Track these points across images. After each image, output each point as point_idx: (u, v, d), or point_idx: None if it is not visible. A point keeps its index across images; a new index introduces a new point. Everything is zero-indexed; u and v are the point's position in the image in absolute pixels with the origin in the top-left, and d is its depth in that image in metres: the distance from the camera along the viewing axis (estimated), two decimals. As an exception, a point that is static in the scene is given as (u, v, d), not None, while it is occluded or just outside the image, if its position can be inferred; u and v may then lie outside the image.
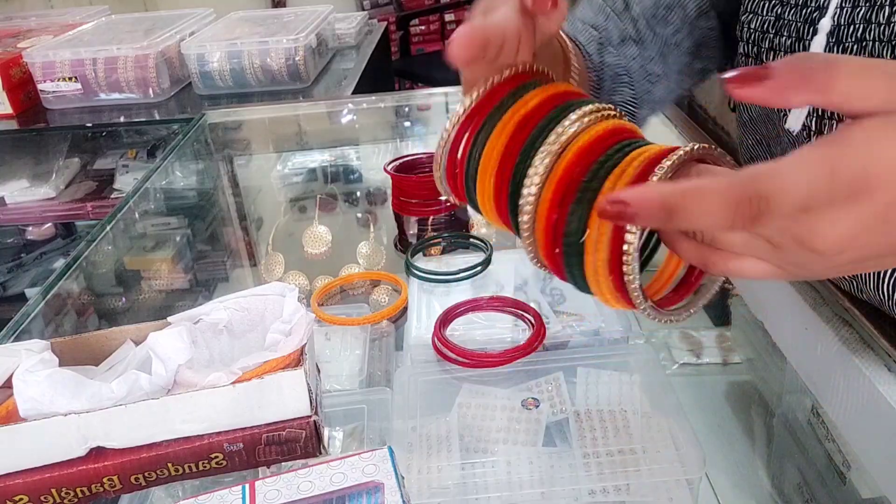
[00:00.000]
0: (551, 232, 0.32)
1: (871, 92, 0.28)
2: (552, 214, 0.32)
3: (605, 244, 0.30)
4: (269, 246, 0.97)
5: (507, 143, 0.34)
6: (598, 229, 0.30)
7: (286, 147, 1.33)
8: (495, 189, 0.35)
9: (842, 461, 0.56)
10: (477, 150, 0.36)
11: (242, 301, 0.53)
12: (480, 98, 0.36)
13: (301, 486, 0.42)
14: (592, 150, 0.32)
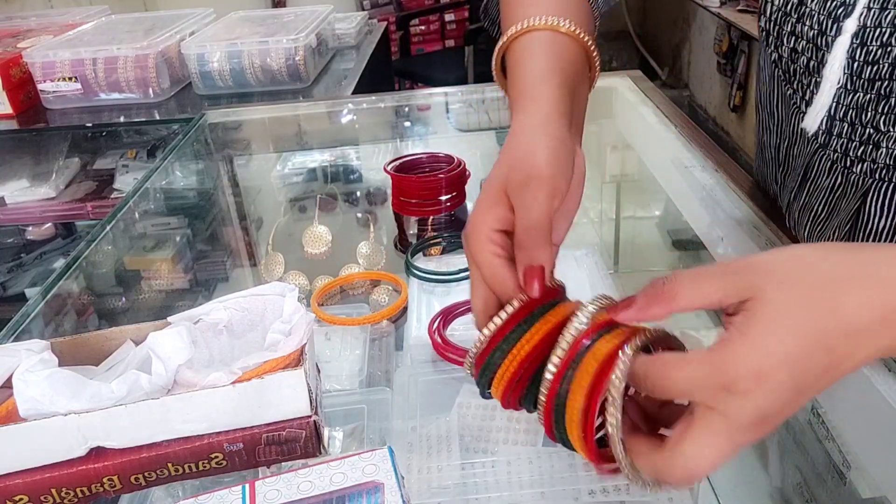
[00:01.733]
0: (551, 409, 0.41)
1: (706, 292, 0.36)
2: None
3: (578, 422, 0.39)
4: (269, 246, 0.97)
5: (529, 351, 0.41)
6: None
7: (286, 147, 1.33)
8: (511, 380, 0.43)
9: (842, 461, 0.56)
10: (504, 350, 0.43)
11: (242, 301, 0.53)
12: (513, 314, 0.42)
13: (301, 486, 0.42)
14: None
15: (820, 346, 0.32)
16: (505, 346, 0.42)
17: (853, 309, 0.32)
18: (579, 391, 0.38)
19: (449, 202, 0.88)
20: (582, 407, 0.38)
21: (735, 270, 0.35)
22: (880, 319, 0.32)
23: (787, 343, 0.32)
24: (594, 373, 0.38)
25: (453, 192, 0.88)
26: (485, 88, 1.28)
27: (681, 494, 0.52)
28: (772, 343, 0.33)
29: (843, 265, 0.34)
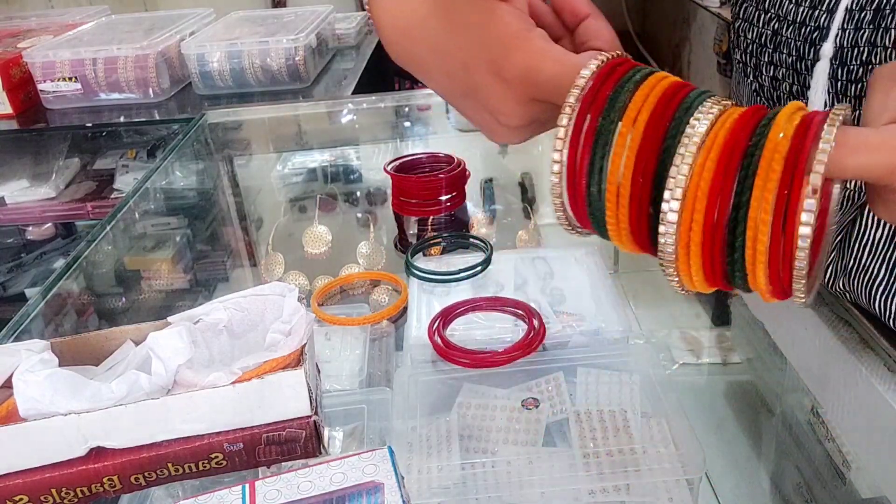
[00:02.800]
0: (710, 232, 0.29)
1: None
2: (714, 204, 0.28)
3: (768, 226, 0.27)
4: (269, 246, 0.97)
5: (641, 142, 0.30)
6: (761, 210, 0.27)
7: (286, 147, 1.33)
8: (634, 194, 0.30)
9: (842, 461, 0.56)
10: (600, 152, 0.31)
11: (242, 301, 0.53)
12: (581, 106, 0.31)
13: (301, 485, 0.42)
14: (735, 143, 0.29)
15: None
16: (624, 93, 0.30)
17: None
18: (770, 182, 0.27)
19: (449, 202, 0.88)
20: (771, 216, 0.27)
21: None
22: None
23: None
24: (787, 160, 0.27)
25: (453, 192, 0.88)
26: (485, 88, 1.27)
27: (681, 494, 0.52)
28: None
29: None
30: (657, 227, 0.30)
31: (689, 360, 0.76)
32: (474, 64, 0.37)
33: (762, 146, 0.28)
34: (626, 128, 0.30)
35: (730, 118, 0.29)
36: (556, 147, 0.32)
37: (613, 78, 0.32)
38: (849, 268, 0.55)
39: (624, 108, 0.30)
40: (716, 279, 0.30)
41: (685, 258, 0.29)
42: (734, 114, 0.30)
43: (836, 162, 0.28)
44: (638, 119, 0.30)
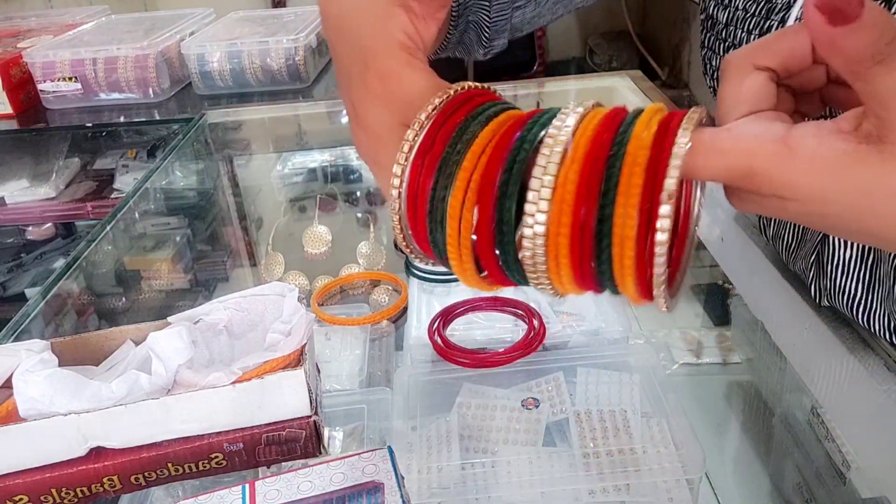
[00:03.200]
0: (578, 241, 0.28)
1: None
2: (579, 214, 0.28)
3: (632, 238, 0.27)
4: (269, 246, 0.97)
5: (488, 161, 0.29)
6: (625, 224, 0.27)
7: (286, 147, 1.33)
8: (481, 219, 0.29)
9: (842, 461, 0.56)
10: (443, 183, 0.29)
11: (242, 301, 0.53)
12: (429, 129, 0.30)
13: (301, 485, 0.42)
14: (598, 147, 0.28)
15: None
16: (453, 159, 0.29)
17: None
18: (631, 196, 0.27)
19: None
20: (636, 221, 0.27)
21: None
22: None
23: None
24: (647, 166, 0.27)
25: (453, 192, 0.88)
26: (485, 88, 1.27)
27: (681, 494, 0.52)
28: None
29: None
30: (509, 252, 0.29)
31: (689, 360, 0.76)
32: (355, 56, 0.36)
33: (622, 156, 0.27)
34: (471, 162, 0.29)
35: (592, 122, 0.29)
36: (398, 161, 0.30)
37: (468, 107, 0.31)
38: (828, 289, 0.55)
39: (472, 139, 0.29)
40: (587, 285, 0.30)
41: (556, 269, 0.29)
42: (596, 117, 0.29)
43: (690, 167, 0.28)
44: (484, 152, 0.29)
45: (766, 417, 0.70)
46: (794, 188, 0.28)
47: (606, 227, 0.27)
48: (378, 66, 0.34)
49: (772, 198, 0.29)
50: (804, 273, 0.58)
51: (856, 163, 0.27)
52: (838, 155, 0.27)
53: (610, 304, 0.70)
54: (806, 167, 0.27)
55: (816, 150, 0.27)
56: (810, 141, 0.27)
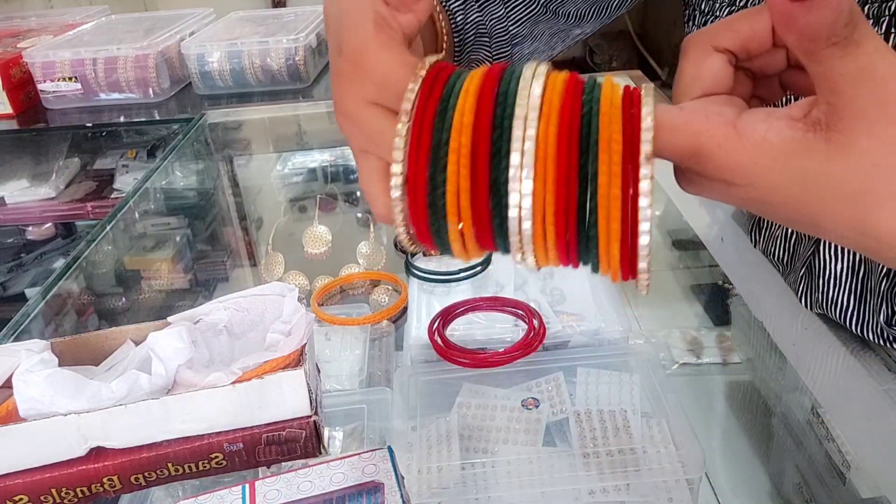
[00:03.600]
0: (563, 201, 0.27)
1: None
2: (561, 195, 0.27)
3: (618, 202, 0.27)
4: (269, 246, 0.97)
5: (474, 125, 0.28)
6: (610, 204, 0.27)
7: (286, 147, 1.33)
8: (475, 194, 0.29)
9: (842, 461, 0.56)
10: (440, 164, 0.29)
11: (242, 301, 0.53)
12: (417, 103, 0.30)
13: (301, 485, 0.42)
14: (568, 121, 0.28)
15: None
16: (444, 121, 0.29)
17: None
18: (613, 153, 0.26)
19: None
20: (619, 191, 0.26)
21: None
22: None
23: None
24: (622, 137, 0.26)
25: (453, 192, 0.88)
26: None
27: (681, 494, 0.52)
28: None
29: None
30: (502, 225, 0.29)
31: (689, 360, 0.76)
32: (333, 42, 0.35)
33: (597, 113, 0.27)
34: (455, 142, 0.28)
35: (557, 82, 0.29)
36: (394, 158, 0.30)
37: (438, 87, 0.30)
38: (820, 301, 0.55)
39: (451, 119, 0.29)
40: (570, 254, 0.29)
41: (542, 243, 0.28)
42: (559, 77, 0.29)
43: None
44: (464, 124, 0.28)
45: (766, 417, 0.70)
46: (740, 173, 0.27)
47: (592, 188, 0.27)
48: (350, 49, 0.34)
49: (718, 181, 0.28)
50: (794, 286, 0.58)
51: (803, 150, 0.27)
52: (786, 142, 0.27)
53: (610, 304, 0.70)
54: (753, 152, 0.27)
55: (765, 135, 0.27)
56: (759, 126, 0.27)
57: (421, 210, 0.30)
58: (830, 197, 0.27)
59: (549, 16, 0.57)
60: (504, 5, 0.55)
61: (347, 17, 0.35)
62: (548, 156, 0.27)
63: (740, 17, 0.31)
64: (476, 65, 0.55)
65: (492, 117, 0.28)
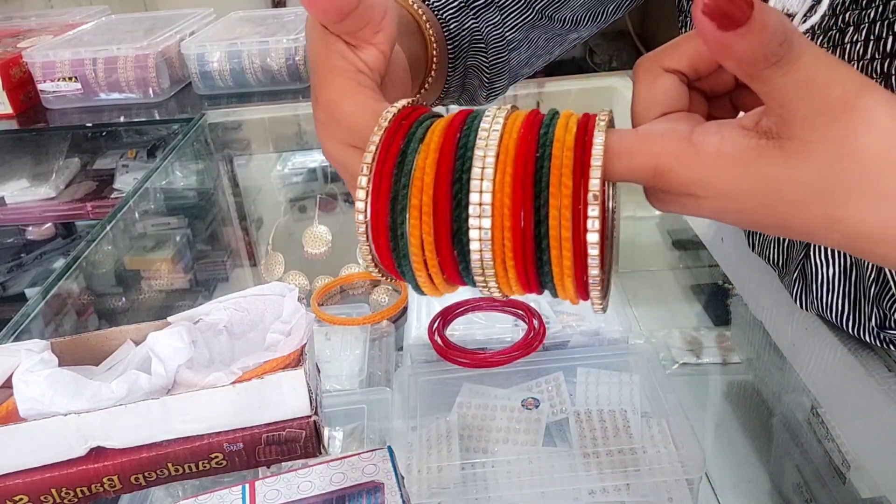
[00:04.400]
0: (520, 244, 0.30)
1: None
2: (518, 218, 0.29)
3: (569, 239, 0.29)
4: (269, 246, 0.97)
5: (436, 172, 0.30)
6: (561, 227, 0.29)
7: (286, 147, 1.33)
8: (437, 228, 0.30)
9: (842, 461, 0.56)
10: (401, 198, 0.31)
11: (242, 301, 0.53)
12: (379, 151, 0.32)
13: (301, 485, 0.42)
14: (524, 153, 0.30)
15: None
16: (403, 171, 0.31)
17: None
18: (563, 197, 0.28)
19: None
20: (570, 219, 0.28)
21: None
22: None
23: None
24: (575, 170, 0.28)
25: (453, 192, 0.88)
26: (485, 88, 1.28)
27: (681, 494, 0.52)
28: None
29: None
30: (467, 269, 0.31)
31: (689, 360, 0.76)
32: (312, 79, 0.37)
33: (549, 157, 0.29)
34: (416, 199, 0.30)
35: (515, 124, 0.30)
36: (358, 197, 0.31)
37: (398, 138, 0.32)
38: (815, 305, 0.56)
39: (410, 171, 0.30)
40: (532, 286, 0.31)
41: (503, 272, 0.30)
42: (518, 119, 0.31)
43: (605, 169, 0.29)
44: (425, 183, 0.30)
45: (766, 417, 0.70)
46: (702, 185, 0.28)
47: (544, 229, 0.29)
48: (322, 97, 0.36)
49: (685, 196, 0.29)
50: (790, 287, 0.58)
51: (758, 157, 0.27)
52: (741, 150, 0.27)
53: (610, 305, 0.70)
54: (711, 163, 0.28)
55: (720, 146, 0.28)
56: (713, 138, 0.28)
57: (386, 257, 0.32)
58: (795, 198, 0.27)
59: (545, 21, 0.57)
60: (500, 12, 0.55)
61: (315, 66, 0.36)
62: (504, 205, 0.29)
63: (686, 39, 0.31)
64: (473, 71, 0.55)
65: (451, 172, 0.30)
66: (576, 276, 0.29)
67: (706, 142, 0.28)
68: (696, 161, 0.28)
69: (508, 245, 0.29)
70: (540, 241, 0.29)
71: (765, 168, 0.27)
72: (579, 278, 0.30)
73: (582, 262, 0.29)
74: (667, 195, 0.30)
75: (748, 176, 0.27)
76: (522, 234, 0.29)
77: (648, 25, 3.84)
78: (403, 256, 0.31)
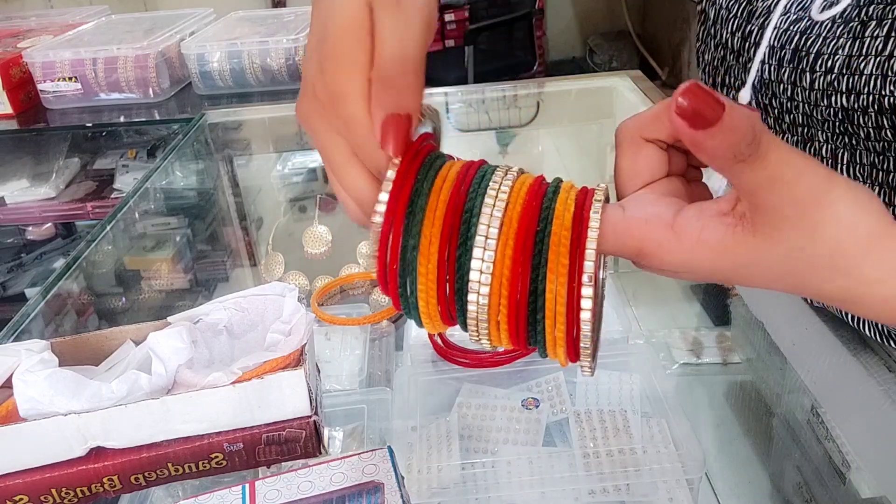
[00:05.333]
0: (514, 313, 0.32)
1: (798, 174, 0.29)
2: (514, 290, 0.31)
3: (563, 314, 0.31)
4: (269, 246, 0.97)
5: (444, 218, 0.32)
6: (556, 303, 0.31)
7: (286, 147, 1.33)
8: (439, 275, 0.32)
9: (842, 461, 0.56)
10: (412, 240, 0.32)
11: (242, 301, 0.53)
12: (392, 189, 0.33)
13: (301, 485, 0.42)
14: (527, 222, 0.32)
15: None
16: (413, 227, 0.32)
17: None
18: (560, 275, 0.30)
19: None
20: (566, 290, 0.30)
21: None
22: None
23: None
24: (570, 245, 0.31)
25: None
26: (485, 88, 1.28)
27: (681, 494, 0.52)
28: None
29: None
30: (464, 322, 0.33)
31: (689, 360, 0.76)
32: (314, 38, 0.34)
33: (549, 234, 0.31)
34: (423, 262, 0.32)
35: (520, 194, 0.32)
36: (371, 253, 0.33)
37: (403, 199, 0.32)
38: None
39: (419, 231, 0.32)
40: (521, 345, 0.33)
41: (496, 332, 0.33)
42: (523, 187, 0.32)
43: (598, 246, 0.31)
44: (435, 224, 0.32)
45: (766, 417, 0.70)
46: (682, 267, 0.31)
47: (540, 302, 0.31)
48: (333, 80, 0.33)
49: (666, 272, 0.32)
50: None
51: (735, 245, 0.30)
52: (719, 239, 0.30)
53: (610, 304, 0.70)
54: (690, 249, 0.31)
55: (700, 235, 0.30)
56: (694, 226, 0.31)
57: (394, 297, 0.34)
58: (766, 276, 0.31)
59: None
60: None
61: (334, 39, 0.33)
62: (503, 275, 0.31)
63: (665, 108, 0.33)
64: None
65: (458, 234, 0.32)
66: (567, 346, 0.32)
67: (688, 230, 0.31)
68: (678, 248, 0.31)
69: (504, 312, 0.31)
70: (536, 311, 0.31)
71: (739, 252, 0.30)
72: (570, 347, 0.32)
73: (574, 334, 0.31)
74: (649, 268, 0.33)
75: (724, 259, 0.31)
76: (517, 304, 0.31)
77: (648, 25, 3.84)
78: (413, 308, 0.34)
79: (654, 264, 0.32)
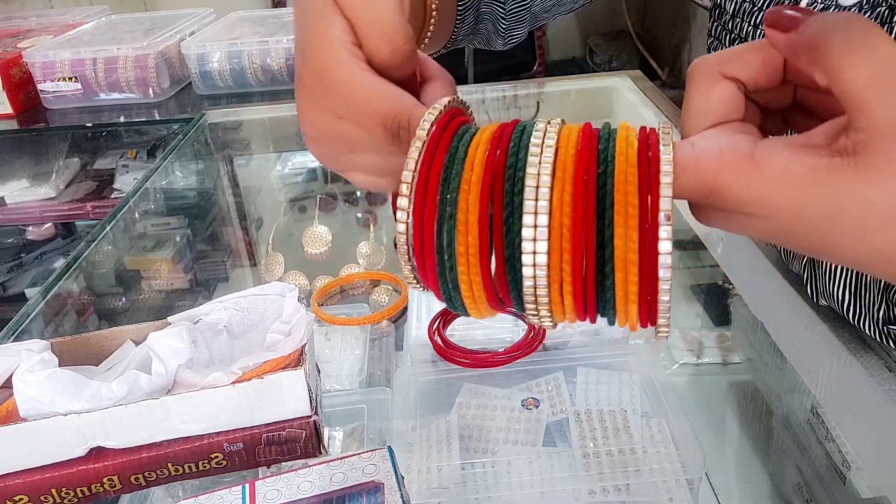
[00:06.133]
0: (580, 268, 0.27)
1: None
2: (579, 240, 0.27)
3: (635, 262, 0.27)
4: (269, 246, 0.97)
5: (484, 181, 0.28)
6: (628, 248, 0.26)
7: (286, 147, 1.33)
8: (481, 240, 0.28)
9: (842, 461, 0.56)
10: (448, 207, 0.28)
11: (242, 301, 0.53)
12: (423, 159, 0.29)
13: (301, 485, 0.42)
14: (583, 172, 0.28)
15: None
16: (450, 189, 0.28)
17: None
18: (630, 217, 0.26)
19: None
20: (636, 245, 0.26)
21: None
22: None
23: None
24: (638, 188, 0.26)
25: (453, 192, 0.88)
26: (485, 88, 1.28)
27: (681, 494, 0.52)
28: None
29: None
30: (519, 296, 0.28)
31: (689, 360, 0.76)
32: (297, 52, 0.35)
33: (612, 174, 0.27)
34: (464, 202, 0.28)
35: (571, 139, 0.28)
36: (399, 219, 0.29)
37: (444, 142, 0.29)
38: (822, 291, 0.56)
39: (459, 179, 0.28)
40: (589, 313, 0.29)
41: (558, 299, 0.28)
42: (573, 133, 0.29)
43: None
44: (472, 189, 0.28)
45: (766, 417, 0.70)
46: (762, 205, 0.27)
47: (609, 252, 0.27)
48: (315, 63, 0.33)
49: (738, 214, 0.28)
50: (801, 273, 0.58)
51: (829, 177, 0.26)
52: (809, 170, 0.26)
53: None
54: (775, 183, 0.26)
55: (786, 165, 0.26)
56: (780, 156, 0.26)
57: (432, 280, 0.30)
58: (857, 224, 0.26)
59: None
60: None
61: (307, 29, 0.33)
62: (563, 225, 0.27)
63: (749, 48, 0.30)
64: (488, 18, 0.54)
65: (501, 196, 0.28)
66: (641, 302, 0.27)
67: (772, 160, 0.26)
68: (759, 180, 0.26)
69: (567, 269, 0.27)
70: (603, 264, 0.27)
71: (833, 188, 0.25)
72: (644, 304, 0.27)
73: (650, 287, 0.27)
74: (718, 212, 0.28)
75: (814, 196, 0.26)
76: (584, 257, 0.27)
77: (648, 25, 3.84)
78: (454, 288, 0.29)
79: (729, 202, 0.27)
